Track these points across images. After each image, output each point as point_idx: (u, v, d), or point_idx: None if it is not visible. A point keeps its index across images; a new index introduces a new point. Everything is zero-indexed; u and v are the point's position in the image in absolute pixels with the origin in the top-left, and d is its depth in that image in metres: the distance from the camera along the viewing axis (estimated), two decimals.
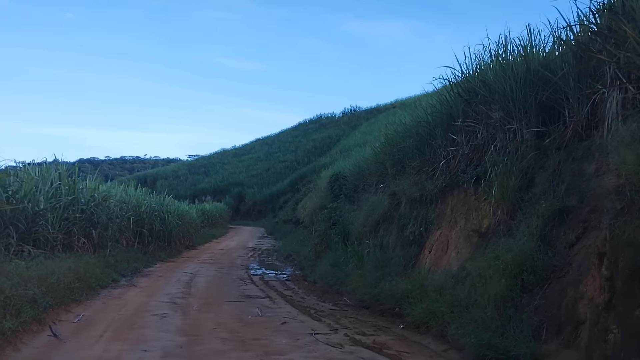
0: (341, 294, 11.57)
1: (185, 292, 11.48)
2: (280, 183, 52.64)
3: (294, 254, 21.66)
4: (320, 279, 13.81)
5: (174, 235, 21.61)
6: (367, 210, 14.14)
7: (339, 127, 62.07)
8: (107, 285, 11.46)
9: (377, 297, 9.79)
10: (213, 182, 63.40)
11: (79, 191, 13.31)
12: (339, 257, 14.22)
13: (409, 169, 12.92)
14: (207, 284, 12.91)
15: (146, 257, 17.21)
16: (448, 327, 7.32)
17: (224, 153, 77.77)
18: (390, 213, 12.82)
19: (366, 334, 7.66)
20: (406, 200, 11.97)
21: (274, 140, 73.66)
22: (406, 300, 8.80)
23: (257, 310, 9.33)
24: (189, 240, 25.50)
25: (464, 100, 10.60)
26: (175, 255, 20.62)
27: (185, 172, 70.73)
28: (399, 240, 11.83)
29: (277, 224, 39.75)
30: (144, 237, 18.57)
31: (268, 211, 50.25)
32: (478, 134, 10.05)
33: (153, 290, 11.62)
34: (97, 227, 13.77)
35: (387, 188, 14.85)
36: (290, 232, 31.63)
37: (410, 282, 9.28)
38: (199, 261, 19.03)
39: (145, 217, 18.81)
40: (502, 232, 8.15)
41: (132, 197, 18.61)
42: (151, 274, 14.67)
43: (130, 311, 8.88)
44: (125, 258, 15.08)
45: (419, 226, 11.18)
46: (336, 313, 9.43)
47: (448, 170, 10.84)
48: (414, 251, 10.93)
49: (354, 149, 36.74)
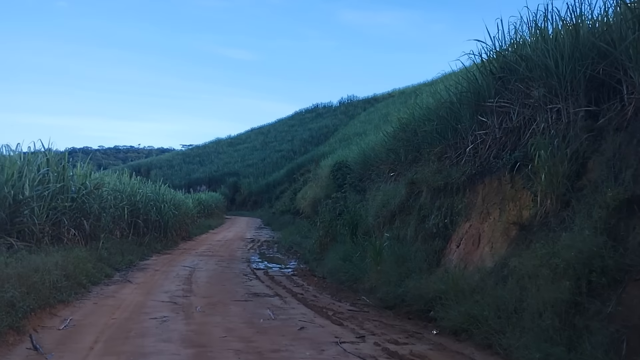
0: (357, 291, 10.48)
1: (186, 289, 10.36)
2: (277, 173, 51.48)
3: (295, 246, 20.65)
4: (330, 274, 12.73)
5: (170, 226, 20.47)
6: (381, 200, 13.04)
7: (336, 117, 60.83)
8: (99, 282, 10.33)
9: (402, 297, 8.70)
10: (208, 171, 62.16)
11: (68, 178, 12.13)
12: (349, 251, 13.20)
13: (429, 156, 11.83)
14: (209, 280, 11.79)
15: (141, 249, 16.11)
16: (495, 336, 6.25)
17: (219, 142, 76.37)
18: (408, 203, 11.72)
19: (399, 342, 6.57)
20: (427, 189, 10.87)
21: (270, 129, 72.27)
22: (438, 301, 7.73)
23: (268, 312, 8.22)
24: (185, 231, 24.36)
25: (497, 78, 9.51)
26: (172, 246, 19.51)
27: (179, 161, 69.39)
28: (419, 233, 10.74)
29: (274, 214, 38.69)
30: (139, 228, 17.44)
31: (264, 201, 49.17)
32: (513, 116, 8.98)
33: (150, 287, 10.50)
34: (88, 218, 12.61)
35: (402, 176, 13.78)
36: (289, 222, 30.62)
37: (441, 281, 8.18)
38: (197, 253, 17.91)
39: (141, 206, 17.66)
40: (553, 225, 7.06)
41: (126, 186, 17.47)
42: (147, 267, 13.54)
43: (126, 314, 7.74)
44: (120, 250, 13.97)
45: (443, 217, 10.09)
46: (357, 315, 8.32)
47: (477, 156, 9.77)
48: (438, 245, 9.84)
49: (354, 138, 35.73)
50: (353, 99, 66.27)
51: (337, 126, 55.42)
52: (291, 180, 44.83)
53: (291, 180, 44.64)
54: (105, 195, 14.20)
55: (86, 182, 12.84)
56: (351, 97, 67.38)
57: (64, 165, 12.12)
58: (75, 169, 13.15)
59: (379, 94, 63.31)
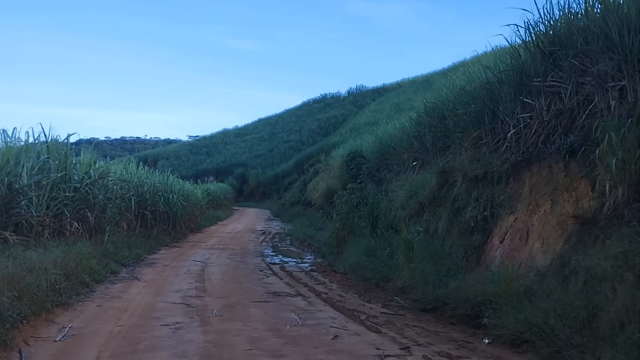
0: (386, 291, 9.48)
1: (199, 287, 9.39)
2: (285, 164, 50.42)
3: (309, 238, 19.69)
4: (352, 270, 11.74)
5: (179, 218, 19.49)
6: (407, 191, 12.02)
7: (344, 107, 59.61)
8: (104, 280, 9.37)
9: (442, 300, 7.69)
10: (215, 162, 61.10)
11: (71, 167, 11.15)
12: (371, 245, 12.22)
13: (461, 142, 10.82)
14: (223, 277, 10.81)
15: (149, 243, 15.15)
16: (566, 350, 5.26)
17: (226, 133, 75.20)
18: (439, 194, 10.69)
19: (452, 356, 5.57)
20: (463, 178, 9.83)
21: (277, 120, 71.08)
22: (488, 305, 6.72)
23: (294, 316, 7.24)
24: (194, 222, 23.38)
25: (545, 53, 8.47)
26: (181, 239, 18.54)
27: (186, 152, 68.34)
28: (454, 227, 9.72)
29: (283, 205, 37.71)
30: (147, 220, 16.48)
31: (272, 192, 48.17)
32: (565, 96, 7.94)
33: (160, 285, 9.53)
34: (93, 209, 11.65)
35: (429, 165, 12.77)
36: (299, 214, 29.66)
37: (489, 282, 7.17)
38: (207, 246, 16.94)
39: (148, 197, 16.69)
40: (627, 219, 6.04)
41: (133, 176, 16.50)
42: (156, 262, 12.57)
43: (133, 319, 6.76)
44: (126, 244, 13.02)
45: (482, 210, 9.07)
46: (393, 320, 7.33)
47: (520, 142, 8.74)
48: (477, 240, 8.82)
49: (365, 128, 34.73)
50: (362, 89, 65.01)
51: (346, 116, 54.27)
52: (300, 171, 43.82)
53: (300, 171, 43.63)
54: (110, 185, 13.24)
55: (90, 171, 11.86)
56: (360, 87, 66.23)
57: (66, 153, 11.14)
58: (78, 157, 12.17)
59: (388, 84, 62.11)
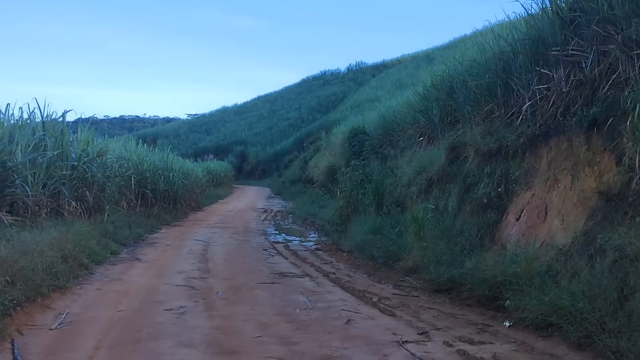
0: (395, 270, 9.12)
1: (203, 268, 9.03)
2: (285, 141, 49.86)
3: (311, 216, 19.32)
4: (358, 249, 11.39)
5: (179, 196, 19.13)
6: (415, 168, 11.61)
7: (344, 84, 58.82)
8: (104, 261, 9.00)
9: (458, 280, 7.32)
10: (215, 140, 60.49)
11: (68, 144, 10.72)
12: (377, 223, 11.85)
13: (472, 116, 10.39)
14: (227, 257, 10.46)
15: (150, 222, 14.80)
16: (598, 335, 4.89)
17: (225, 111, 74.41)
18: (449, 170, 10.28)
19: (474, 342, 5.21)
20: (475, 154, 9.42)
21: (277, 97, 70.25)
22: (508, 286, 6.36)
23: (302, 299, 6.88)
24: (195, 201, 23.03)
25: (565, 20, 8.01)
26: (182, 218, 18.20)
27: (186, 130, 67.66)
28: (465, 204, 9.33)
29: (284, 183, 37.36)
30: (147, 199, 16.11)
31: (272, 170, 47.73)
32: (585, 66, 7.49)
33: (162, 265, 9.17)
34: (91, 188, 11.26)
35: (436, 140, 12.36)
36: (300, 192, 29.29)
37: (508, 261, 6.80)
38: (208, 225, 16.58)
39: (148, 175, 16.29)
40: None
41: (132, 154, 16.06)
42: (157, 242, 12.22)
43: (135, 304, 6.39)
44: (127, 223, 12.66)
45: (495, 186, 8.68)
46: (407, 302, 6.97)
47: (538, 115, 8.31)
48: (490, 217, 8.43)
49: (366, 104, 34.14)
50: (361, 65, 64.03)
51: (346, 93, 53.53)
52: (300, 148, 43.34)
53: (300, 149, 43.14)
54: (109, 163, 12.82)
55: (88, 148, 11.43)
56: (359, 63, 65.19)
57: (62, 130, 10.70)
58: (75, 135, 11.72)
59: (388, 60, 61.25)
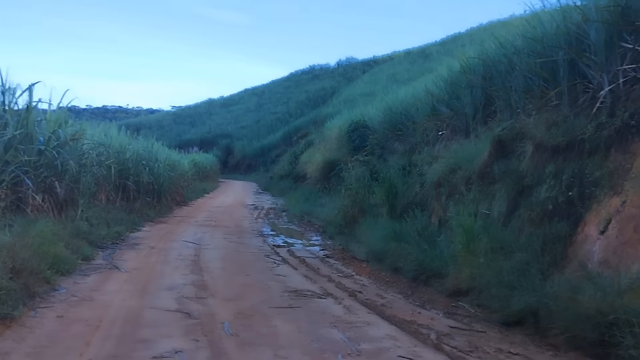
0: (437, 290, 7.28)
1: (198, 282, 7.12)
2: (272, 135, 47.89)
3: (307, 215, 17.50)
4: (376, 257, 9.61)
5: (164, 190, 17.12)
6: (446, 165, 9.79)
7: (333, 79, 56.86)
8: (73, 270, 7.06)
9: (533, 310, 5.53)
10: (199, 133, 58.20)
11: (34, 124, 8.73)
12: (396, 228, 10.10)
13: (521, 104, 8.61)
14: (224, 265, 8.57)
15: (132, 218, 12.86)
16: None
17: (211, 103, 71.84)
18: (494, 168, 8.47)
19: None
20: (535, 149, 7.62)
21: (264, 90, 67.91)
22: (624, 327, 4.58)
23: (338, 335, 5.02)
24: (180, 195, 20.97)
25: None
26: (166, 213, 16.23)
27: (170, 122, 65.18)
28: (520, 210, 7.53)
29: (272, 178, 35.45)
30: (129, 192, 14.13)
31: (259, 165, 45.80)
32: None
33: (146, 277, 7.25)
34: (63, 178, 9.27)
35: (466, 134, 10.59)
36: (290, 188, 27.44)
37: (612, 290, 5.02)
38: (197, 223, 14.65)
39: (131, 166, 14.34)
40: None
41: (113, 141, 14.08)
42: (140, 243, 10.28)
43: (108, 346, 4.39)
44: (104, 220, 10.74)
45: (564, 189, 6.87)
46: (475, 341, 5.15)
47: (622, 101, 6.55)
48: (560, 229, 6.63)
49: (361, 99, 32.43)
50: (352, 61, 61.92)
51: (335, 88, 51.59)
52: (288, 143, 41.53)
53: (288, 144, 41.34)
54: (86, 149, 10.83)
55: (59, 130, 9.42)
56: (350, 58, 63.09)
57: (28, 107, 8.71)
58: (45, 114, 9.72)
59: (379, 56, 59.36)
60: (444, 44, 38.77)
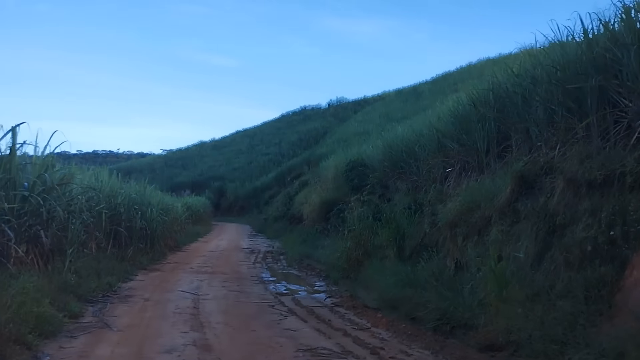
0: (467, 343, 6.50)
1: (200, 341, 6.30)
2: (265, 177, 47.27)
3: (306, 258, 16.74)
4: (388, 305, 8.86)
5: (158, 235, 16.28)
6: (462, 203, 9.09)
7: (325, 119, 56.57)
8: (58, 331, 6.22)
9: None
10: (191, 175, 57.44)
11: (17, 168, 7.98)
12: (407, 272, 9.42)
13: (543, 137, 7.99)
14: (226, 319, 7.73)
15: (124, 266, 12.04)
16: None
17: (203, 146, 71.28)
18: (518, 206, 7.79)
19: None
20: (567, 184, 6.94)
21: (256, 132, 67.47)
22: None
23: None
24: (174, 240, 20.08)
25: None
26: (160, 260, 15.37)
27: (161, 165, 64.41)
28: (552, 252, 6.82)
29: (266, 220, 34.57)
30: (121, 238, 13.29)
31: (252, 207, 44.94)
32: None
33: (142, 337, 6.42)
34: (49, 226, 8.48)
35: (477, 170, 9.96)
36: (285, 230, 26.66)
37: None
38: (192, 270, 13.81)
39: (123, 211, 13.52)
40: None
41: (104, 185, 13.32)
42: (133, 295, 9.45)
43: None
44: (95, 270, 9.91)
45: (605, 228, 6.17)
46: None
47: None
48: (604, 273, 5.91)
49: (354, 138, 32.04)
50: (342, 101, 61.74)
51: (327, 129, 51.24)
52: (281, 184, 40.88)
53: (281, 184, 40.69)
54: (75, 194, 10.06)
55: (46, 174, 8.66)
56: (340, 99, 62.89)
57: (11, 150, 7.98)
58: (31, 158, 8.98)
59: (369, 96, 59.38)
60: (435, 82, 38.67)
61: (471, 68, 39.76)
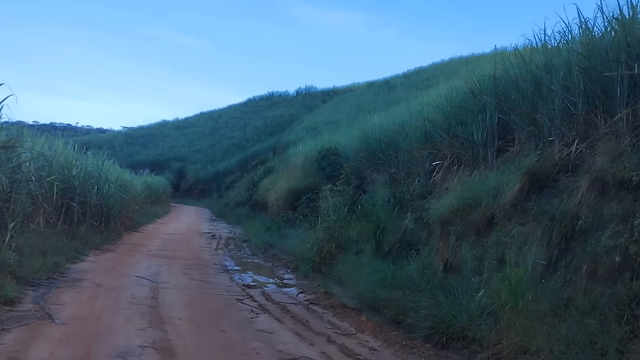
0: (460, 352, 5.64)
1: (160, 343, 5.20)
2: (227, 161, 45.79)
3: (271, 247, 15.76)
4: (369, 306, 8.02)
5: (114, 213, 14.98)
6: (457, 199, 8.17)
7: (292, 107, 55.19)
8: None
9: None
10: (152, 154, 55.44)
11: None
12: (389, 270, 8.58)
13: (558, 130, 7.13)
14: (191, 315, 6.65)
15: (74, 245, 10.87)
16: None
17: (165, 125, 68.90)
18: (529, 205, 6.91)
19: None
20: (591, 185, 6.07)
21: (220, 115, 65.45)
22: None
23: None
24: (130, 219, 18.73)
25: None
26: (115, 240, 14.15)
27: (121, 142, 61.94)
28: (568, 260, 5.97)
29: (227, 205, 33.28)
30: (73, 214, 12.00)
31: (212, 190, 43.48)
32: None
33: (89, 334, 5.30)
34: None
35: (471, 165, 9.09)
36: (248, 216, 25.59)
37: None
38: (150, 253, 12.65)
39: (77, 184, 12.22)
40: None
41: (58, 155, 11.99)
42: (83, 279, 8.27)
43: None
44: (40, 248, 8.72)
45: (637, 236, 5.34)
46: None
47: None
48: (636, 288, 5.08)
49: (324, 127, 31.03)
50: (311, 90, 60.56)
51: (294, 116, 49.93)
52: (244, 169, 39.57)
53: (244, 169, 39.38)
54: (22, 161, 8.78)
55: None
56: (309, 87, 61.44)
57: None
58: None
59: (339, 87, 58.33)
60: (408, 76, 37.99)
61: (444, 65, 39.31)
